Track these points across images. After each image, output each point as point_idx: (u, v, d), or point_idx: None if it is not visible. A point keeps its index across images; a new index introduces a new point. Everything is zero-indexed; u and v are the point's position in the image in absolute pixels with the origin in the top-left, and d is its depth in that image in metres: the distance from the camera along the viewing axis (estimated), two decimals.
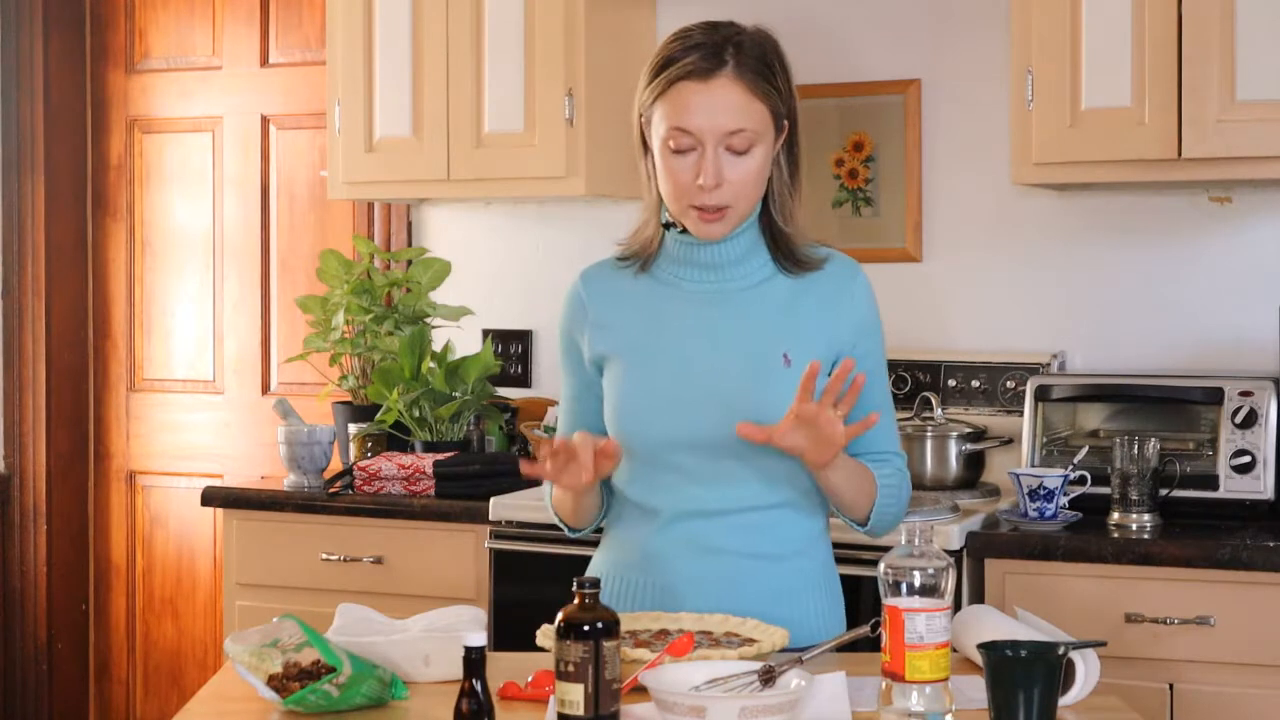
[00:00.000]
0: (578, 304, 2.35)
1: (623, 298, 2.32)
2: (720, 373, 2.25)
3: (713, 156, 2.18)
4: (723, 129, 2.18)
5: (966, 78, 3.75)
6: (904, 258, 3.81)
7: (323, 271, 4.05)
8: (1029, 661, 1.85)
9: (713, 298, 2.28)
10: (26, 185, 4.67)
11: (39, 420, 4.69)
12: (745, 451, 2.23)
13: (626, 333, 2.30)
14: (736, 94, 2.19)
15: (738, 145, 2.19)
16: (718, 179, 2.18)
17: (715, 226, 2.23)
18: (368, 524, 3.65)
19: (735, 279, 2.28)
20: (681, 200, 2.22)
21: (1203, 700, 2.97)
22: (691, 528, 2.28)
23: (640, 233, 2.32)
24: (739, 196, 2.22)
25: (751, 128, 2.20)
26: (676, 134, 2.19)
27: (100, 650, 4.79)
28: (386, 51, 3.89)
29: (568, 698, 1.86)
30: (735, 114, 2.19)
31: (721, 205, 2.21)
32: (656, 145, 2.23)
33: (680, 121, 2.18)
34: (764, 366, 2.25)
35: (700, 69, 2.18)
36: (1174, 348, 3.58)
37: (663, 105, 2.21)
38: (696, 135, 2.18)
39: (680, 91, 2.19)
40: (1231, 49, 3.17)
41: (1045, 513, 3.16)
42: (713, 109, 2.18)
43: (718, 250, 2.27)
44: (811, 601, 2.33)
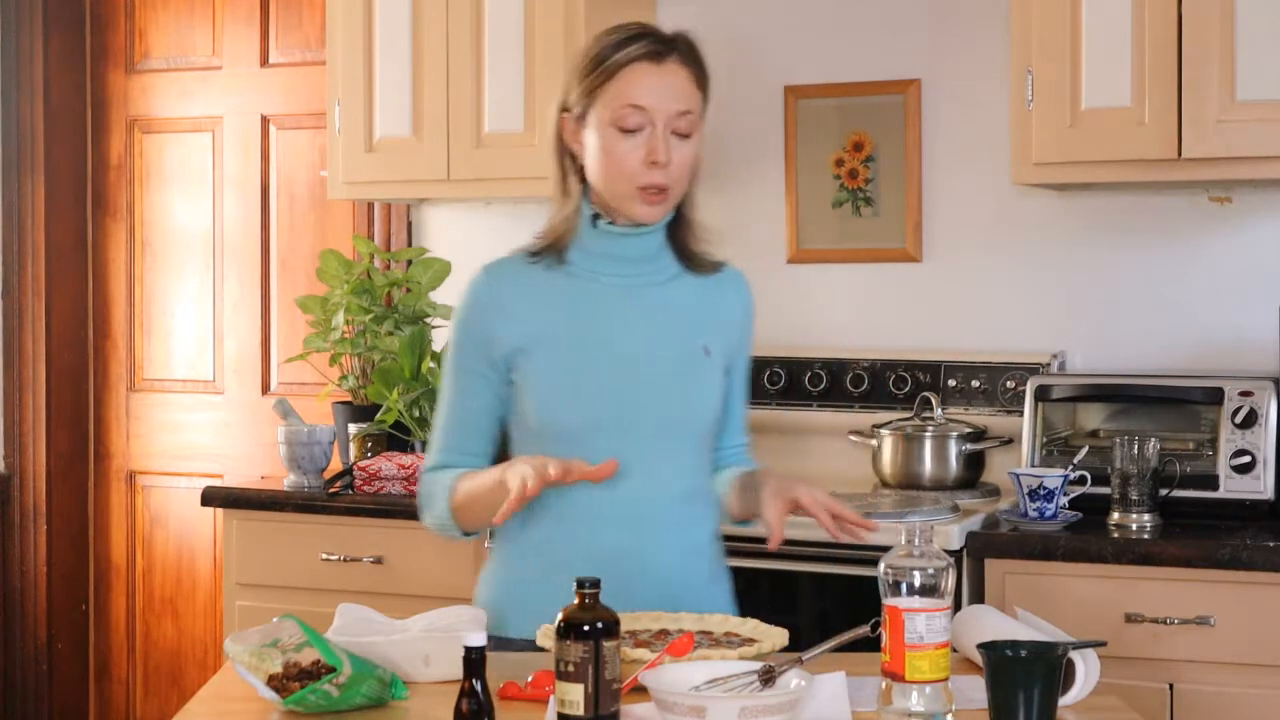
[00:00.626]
0: (487, 296, 2.34)
1: (537, 290, 2.33)
2: (646, 360, 2.31)
3: (663, 134, 2.26)
4: (673, 109, 2.27)
5: (966, 78, 3.75)
6: (904, 258, 3.81)
7: (323, 271, 4.05)
8: (1029, 661, 1.85)
9: (631, 291, 2.34)
10: (26, 185, 4.67)
11: (39, 420, 4.69)
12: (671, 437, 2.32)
13: (546, 323, 2.31)
14: (685, 78, 2.30)
15: (683, 128, 2.28)
16: (669, 156, 2.26)
17: (657, 208, 2.30)
18: (368, 524, 3.65)
19: (650, 274, 2.36)
20: (627, 182, 2.27)
21: (1203, 700, 2.97)
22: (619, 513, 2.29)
23: (556, 227, 2.34)
24: (679, 179, 2.30)
25: (695, 111, 2.30)
26: (629, 112, 2.25)
27: (100, 650, 4.79)
28: (386, 51, 3.89)
29: (568, 698, 1.86)
30: (684, 96, 2.28)
31: (665, 185, 2.28)
32: (595, 133, 2.28)
33: (635, 99, 2.25)
34: (687, 357, 2.35)
35: (653, 51, 2.28)
36: (1174, 348, 3.58)
37: (610, 89, 2.26)
38: (650, 112, 2.26)
39: (634, 71, 2.26)
40: (1231, 49, 3.17)
41: (1045, 513, 3.16)
42: (665, 88, 2.27)
43: (640, 244, 2.33)
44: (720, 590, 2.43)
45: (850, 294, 3.86)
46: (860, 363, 3.74)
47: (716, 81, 3.93)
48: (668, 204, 2.31)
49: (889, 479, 3.56)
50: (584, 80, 2.29)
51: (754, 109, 3.94)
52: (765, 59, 3.92)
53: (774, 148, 3.92)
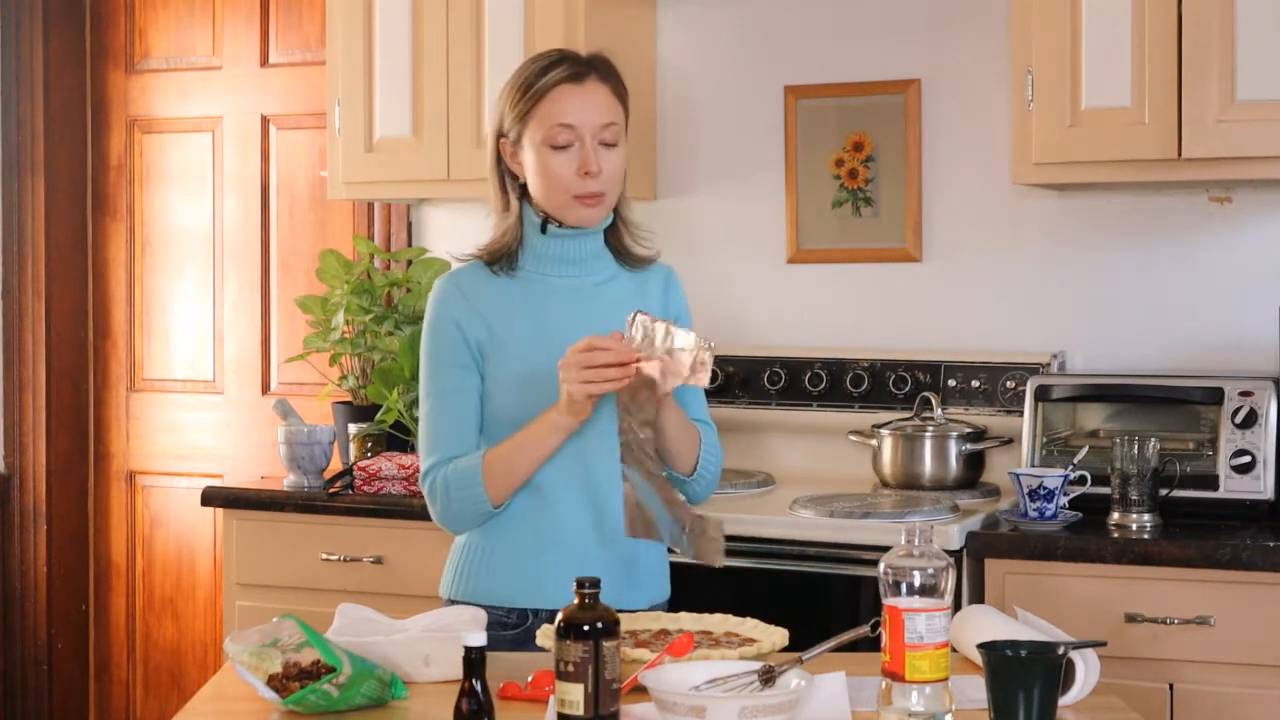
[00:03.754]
0: (456, 296, 2.52)
1: (495, 294, 2.52)
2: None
3: (592, 146, 2.46)
4: (598, 122, 2.47)
5: (966, 78, 3.75)
6: (904, 258, 3.81)
7: (323, 271, 4.05)
8: (1029, 661, 1.85)
9: (578, 290, 2.53)
10: (26, 185, 4.67)
11: (39, 420, 4.69)
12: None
13: (505, 324, 2.50)
14: (605, 94, 2.50)
15: (609, 138, 2.48)
16: (599, 165, 2.46)
17: (595, 211, 2.50)
18: (368, 524, 3.65)
19: (593, 273, 2.55)
20: (564, 193, 2.47)
21: (1203, 700, 2.97)
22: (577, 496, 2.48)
23: (500, 239, 2.54)
24: (612, 184, 2.50)
25: (619, 122, 2.51)
26: (558, 131, 2.46)
27: (100, 650, 4.79)
28: (386, 51, 3.89)
29: (568, 698, 1.87)
30: (606, 110, 2.49)
31: (600, 191, 2.48)
32: (532, 153, 2.48)
33: (562, 119, 2.46)
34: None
35: (574, 74, 2.48)
36: (1174, 348, 3.58)
37: (539, 112, 2.47)
38: (577, 129, 2.46)
39: (559, 94, 2.47)
40: (1231, 49, 3.17)
41: (1045, 513, 3.16)
42: (588, 105, 2.47)
43: (582, 244, 2.53)
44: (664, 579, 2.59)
45: (850, 294, 3.86)
46: (860, 363, 3.74)
47: (717, 81, 3.97)
48: (605, 206, 2.51)
49: (889, 479, 3.56)
50: (515, 107, 2.49)
51: (754, 109, 3.94)
52: (765, 59, 3.92)
53: (774, 148, 3.92)
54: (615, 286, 2.56)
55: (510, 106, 2.50)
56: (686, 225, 4.01)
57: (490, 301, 2.51)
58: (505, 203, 2.55)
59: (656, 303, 2.58)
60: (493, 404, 2.49)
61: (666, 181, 4.03)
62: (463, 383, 2.49)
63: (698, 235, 4.00)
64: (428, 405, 2.52)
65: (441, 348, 2.51)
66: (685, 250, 3.97)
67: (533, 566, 2.46)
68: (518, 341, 2.48)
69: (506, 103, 2.51)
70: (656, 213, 4.00)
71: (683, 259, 3.97)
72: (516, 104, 2.49)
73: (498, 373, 2.49)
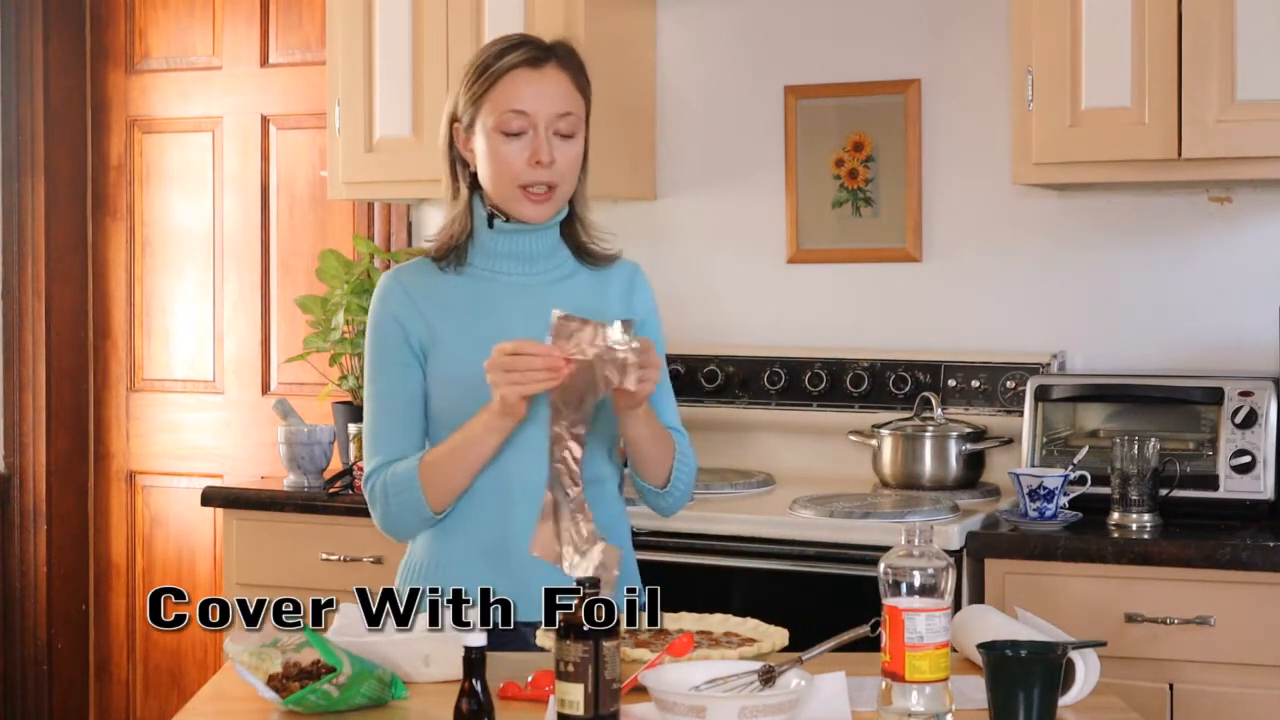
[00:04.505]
0: (399, 293, 2.43)
1: (439, 291, 2.43)
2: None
3: (545, 136, 2.36)
4: (554, 111, 2.37)
5: (966, 78, 3.75)
6: (904, 258, 3.81)
7: (323, 271, 4.05)
8: (1029, 661, 1.85)
9: (528, 289, 2.43)
10: (26, 185, 4.67)
11: (39, 420, 4.69)
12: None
13: (447, 322, 2.40)
14: (564, 82, 2.40)
15: (564, 129, 2.38)
16: (551, 156, 2.36)
17: (543, 208, 2.40)
18: (368, 524, 3.61)
19: (546, 271, 2.45)
20: (512, 183, 2.38)
21: (1203, 700, 2.97)
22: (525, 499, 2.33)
23: (448, 230, 2.45)
24: (565, 176, 2.39)
25: (576, 113, 2.40)
26: (511, 116, 2.36)
27: (100, 650, 4.78)
28: (386, 51, 3.89)
29: (568, 698, 1.87)
30: (563, 98, 2.39)
31: (551, 183, 2.38)
32: (483, 139, 2.38)
33: (515, 104, 2.36)
34: None
35: (532, 58, 2.38)
36: (1174, 348, 3.58)
37: (493, 96, 2.37)
38: (530, 117, 2.36)
39: (514, 78, 2.37)
40: (1231, 49, 3.17)
41: (1045, 513, 3.16)
42: (544, 92, 2.37)
43: (534, 240, 2.43)
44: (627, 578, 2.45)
45: (850, 294, 3.86)
46: (860, 363, 3.74)
47: (717, 81, 3.97)
48: (555, 202, 2.41)
49: (889, 479, 3.56)
50: (469, 89, 2.40)
51: (754, 109, 3.94)
52: (765, 59, 3.92)
53: (774, 148, 3.92)
54: (571, 285, 2.46)
55: (465, 89, 2.41)
56: (686, 225, 4.01)
57: (434, 299, 2.41)
58: (454, 190, 2.45)
59: (618, 303, 2.47)
60: (433, 405, 2.40)
61: (666, 181, 4.02)
62: (404, 382, 2.40)
63: (698, 235, 4.00)
64: (369, 406, 2.43)
65: (382, 346, 2.42)
66: (685, 250, 3.97)
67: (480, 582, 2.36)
68: (459, 341, 2.39)
69: (462, 85, 2.42)
70: (656, 212, 4.00)
71: (682, 259, 3.99)
72: (471, 86, 2.40)
73: (438, 373, 2.39)
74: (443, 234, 2.45)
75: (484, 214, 2.42)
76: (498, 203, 2.41)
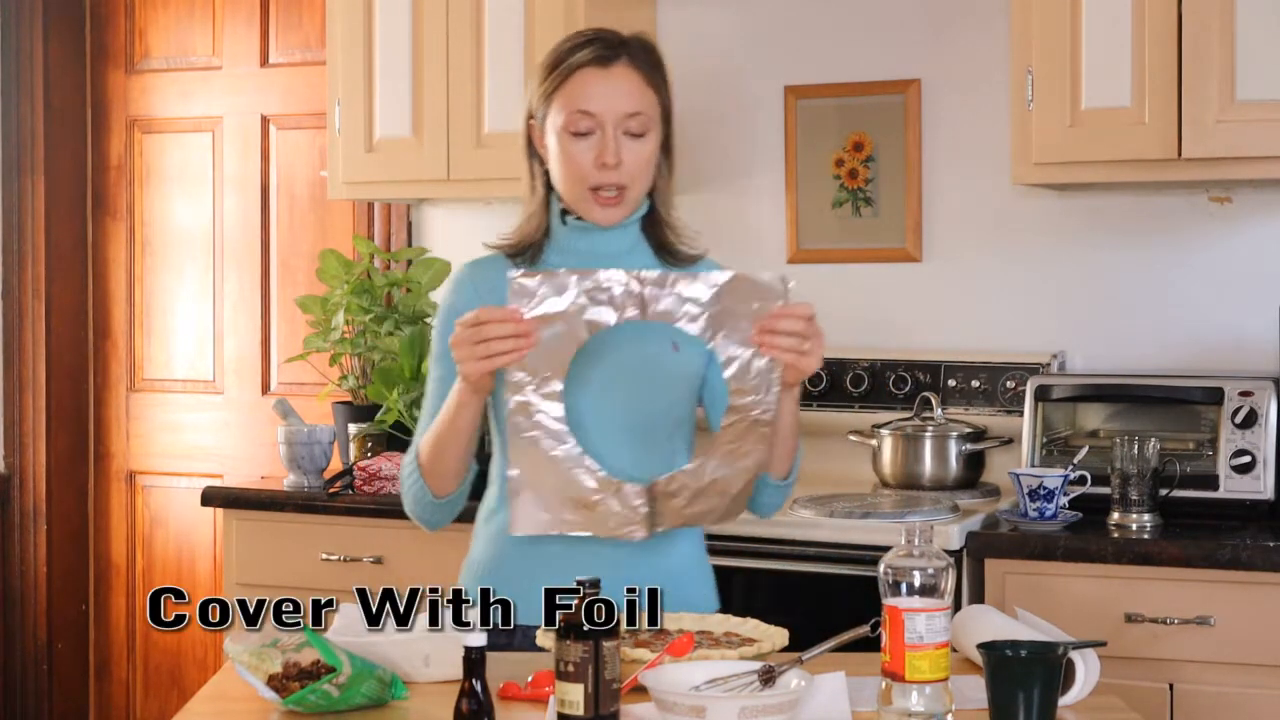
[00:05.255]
0: (469, 289, 2.38)
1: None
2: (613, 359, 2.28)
3: (613, 136, 2.29)
4: (622, 110, 2.30)
5: (966, 78, 3.75)
6: (904, 258, 3.81)
7: (323, 271, 4.05)
8: (1029, 661, 1.85)
9: None
10: (26, 186, 4.67)
11: (39, 420, 4.69)
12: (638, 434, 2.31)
13: None
14: (634, 80, 2.32)
15: (635, 128, 2.31)
16: (618, 157, 2.29)
17: (612, 210, 2.33)
18: (368, 524, 3.65)
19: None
20: (580, 184, 2.31)
21: (1203, 700, 2.97)
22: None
23: (523, 227, 2.39)
24: (635, 178, 2.32)
25: (647, 112, 2.32)
26: (578, 117, 2.30)
27: (100, 650, 4.78)
28: (386, 51, 3.89)
29: (568, 698, 1.87)
30: (633, 97, 2.31)
31: (620, 185, 2.31)
32: (553, 137, 2.32)
33: (582, 104, 2.30)
34: (653, 355, 2.32)
35: (600, 56, 2.32)
36: (1174, 348, 3.58)
37: (562, 95, 2.31)
38: (598, 117, 2.29)
39: (581, 77, 2.31)
40: (1231, 49, 3.17)
41: (1045, 513, 3.16)
42: (612, 92, 2.30)
43: (608, 239, 2.36)
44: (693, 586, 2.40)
45: (850, 294, 3.86)
46: (860, 363, 3.74)
47: (717, 81, 3.97)
48: (626, 205, 2.34)
49: (889, 479, 3.56)
50: (541, 86, 2.34)
51: (754, 109, 3.94)
52: (765, 59, 3.92)
53: (774, 148, 3.92)
54: None
55: (537, 85, 2.35)
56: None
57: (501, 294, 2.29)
58: (532, 187, 2.40)
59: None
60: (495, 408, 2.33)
61: None
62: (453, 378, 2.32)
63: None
64: (426, 396, 2.40)
65: (442, 338, 2.35)
66: None
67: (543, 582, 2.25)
68: None
69: (535, 81, 2.36)
70: None
71: None
72: (543, 82, 2.34)
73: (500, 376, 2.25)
74: (518, 231, 2.40)
75: (558, 210, 2.37)
76: (569, 203, 2.35)
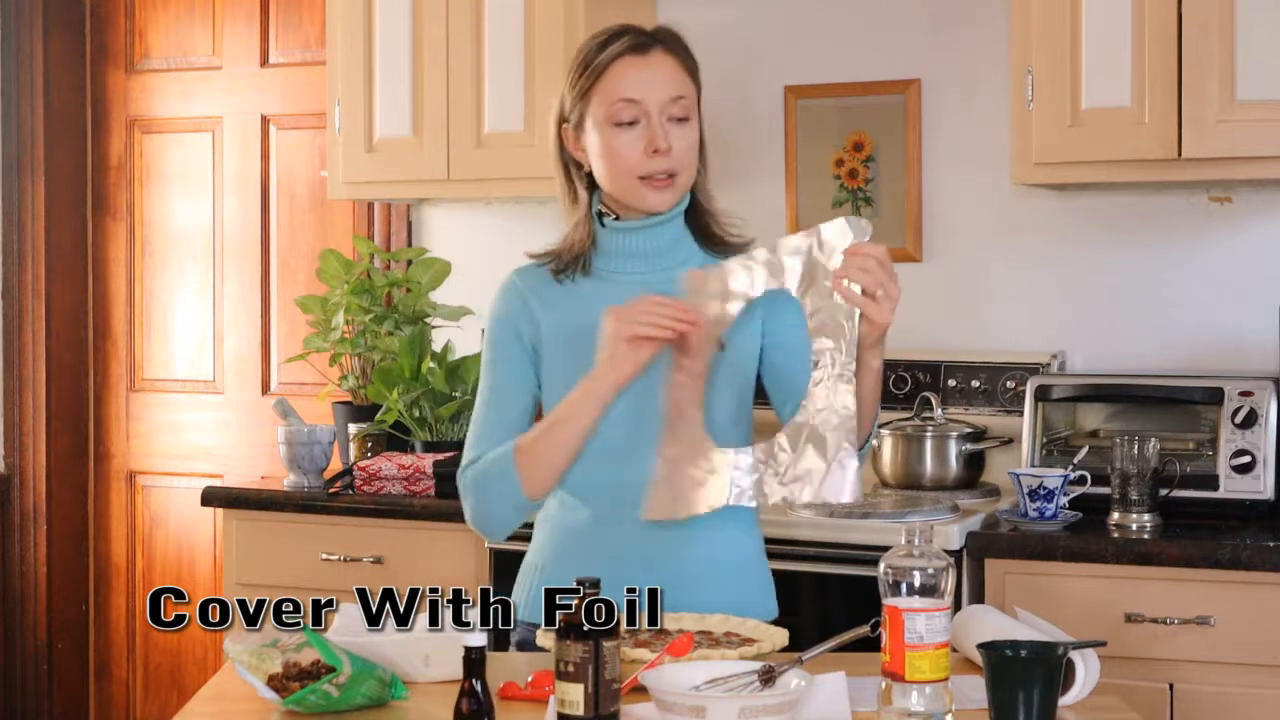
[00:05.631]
0: (516, 295, 2.37)
1: (560, 293, 2.35)
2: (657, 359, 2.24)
3: (660, 122, 2.27)
4: (666, 95, 2.28)
5: (966, 78, 3.75)
6: (904, 258, 3.80)
7: (323, 271, 4.05)
8: (1029, 661, 1.85)
9: (647, 288, 2.27)
10: (26, 186, 4.67)
11: (39, 420, 4.69)
12: None
13: (565, 325, 2.32)
14: (672, 65, 2.30)
15: (678, 112, 2.28)
16: (668, 142, 2.26)
17: (666, 194, 2.30)
18: (368, 524, 3.65)
19: (666, 268, 2.33)
20: (630, 175, 2.28)
21: (1203, 700, 2.97)
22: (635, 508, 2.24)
23: (569, 238, 2.36)
24: (684, 163, 2.30)
25: (689, 96, 2.31)
26: (622, 106, 2.27)
27: (100, 650, 4.78)
28: (386, 51, 3.89)
29: (568, 698, 1.87)
30: (674, 81, 2.29)
31: (671, 171, 2.28)
32: (594, 134, 2.30)
33: (625, 93, 2.27)
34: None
35: (636, 45, 2.29)
36: (1174, 348, 3.58)
37: (601, 88, 2.29)
38: (642, 104, 2.27)
39: (620, 67, 2.28)
40: (1231, 49, 3.17)
41: (1045, 513, 3.16)
42: (654, 78, 2.28)
43: (652, 236, 2.33)
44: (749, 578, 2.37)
45: None
46: None
47: (717, 81, 3.94)
48: (677, 189, 2.31)
49: (889, 479, 3.56)
50: (575, 86, 2.31)
51: (754, 109, 3.94)
52: (765, 59, 3.92)
53: (774, 148, 3.92)
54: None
55: (570, 87, 2.31)
56: None
57: (551, 301, 2.34)
58: (574, 196, 2.35)
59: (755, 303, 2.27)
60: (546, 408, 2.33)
61: None
62: (512, 382, 2.34)
63: None
64: (477, 402, 2.36)
65: (497, 343, 2.36)
66: None
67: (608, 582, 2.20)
68: (569, 345, 2.30)
69: (566, 83, 2.32)
70: None
71: None
72: (576, 83, 2.30)
73: (550, 375, 2.32)
74: (564, 243, 2.36)
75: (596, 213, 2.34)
76: (618, 197, 2.31)
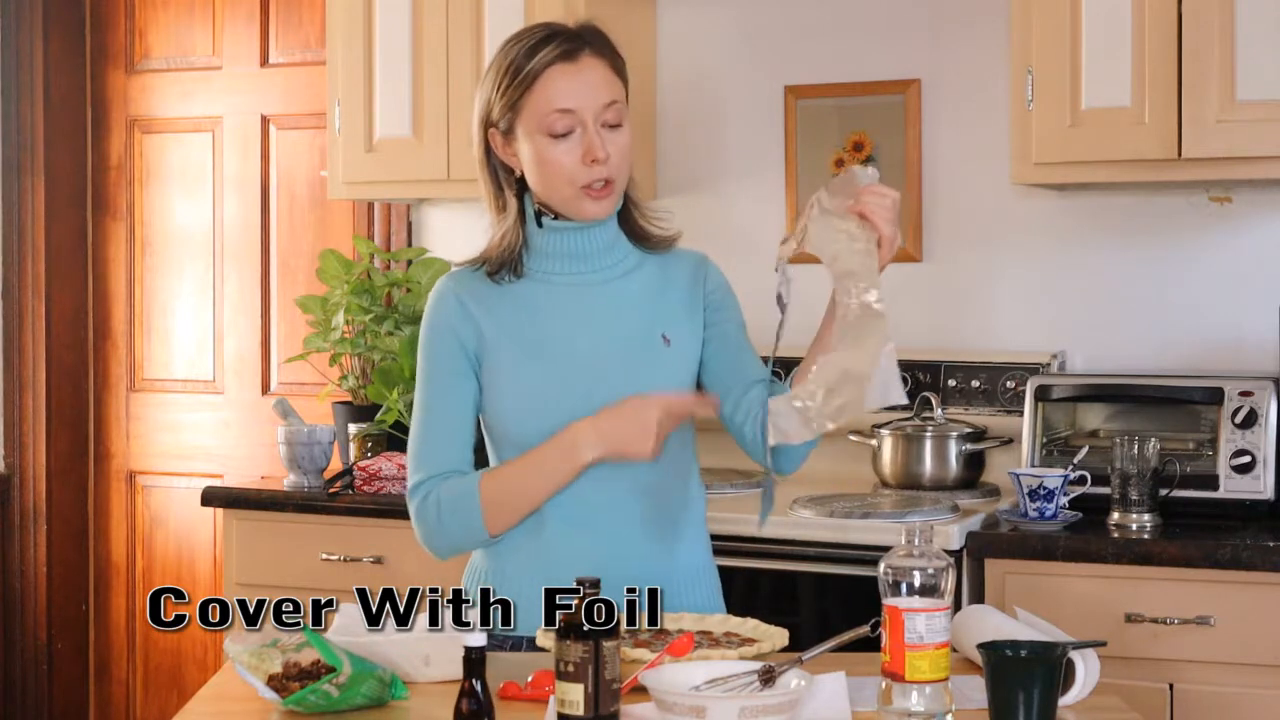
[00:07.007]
0: (452, 300, 2.31)
1: (495, 297, 2.32)
2: (604, 357, 2.28)
3: (595, 130, 2.24)
4: (599, 102, 2.25)
5: (966, 78, 3.75)
6: (904, 258, 3.80)
7: (323, 271, 4.05)
8: (1029, 661, 1.85)
9: (585, 288, 2.31)
10: (26, 185, 4.67)
11: (39, 420, 4.69)
12: None
13: (504, 329, 2.29)
14: (602, 69, 2.27)
15: (612, 118, 2.26)
16: (605, 152, 2.24)
17: (605, 203, 2.28)
18: (368, 524, 3.65)
19: (603, 268, 2.33)
20: (570, 185, 2.26)
21: (1203, 700, 2.97)
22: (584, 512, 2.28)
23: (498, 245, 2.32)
24: (620, 169, 2.28)
25: (620, 100, 2.28)
26: (556, 118, 2.23)
27: (100, 650, 4.78)
28: (386, 51, 3.89)
29: (568, 698, 1.87)
30: (606, 87, 2.26)
31: (609, 178, 2.26)
32: (528, 142, 2.26)
33: (559, 104, 2.23)
34: (645, 348, 2.32)
35: (566, 52, 2.25)
36: (1174, 348, 3.58)
37: (532, 99, 2.24)
38: (577, 114, 2.24)
39: (552, 76, 2.24)
40: (1231, 49, 3.17)
41: (1045, 513, 3.16)
42: (586, 86, 2.25)
43: (588, 237, 2.32)
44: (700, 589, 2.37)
45: None
46: None
47: (717, 81, 3.97)
48: (615, 196, 2.30)
49: (889, 479, 3.56)
50: (504, 94, 2.26)
51: (754, 109, 3.94)
52: (765, 59, 3.92)
53: (774, 148, 3.92)
54: (632, 282, 2.35)
55: (499, 94, 2.26)
56: (686, 225, 3.97)
57: (487, 304, 2.30)
58: (501, 201, 2.32)
59: (685, 293, 2.38)
60: (488, 414, 2.31)
61: (666, 181, 4.02)
62: (453, 392, 2.29)
63: (697, 235, 3.98)
64: (417, 415, 2.31)
65: (434, 354, 2.30)
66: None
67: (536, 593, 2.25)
68: (508, 350, 2.28)
69: (493, 89, 2.27)
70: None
71: None
72: (505, 91, 2.25)
73: (491, 381, 2.28)
74: (493, 249, 2.32)
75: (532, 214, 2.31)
76: (555, 206, 2.28)
